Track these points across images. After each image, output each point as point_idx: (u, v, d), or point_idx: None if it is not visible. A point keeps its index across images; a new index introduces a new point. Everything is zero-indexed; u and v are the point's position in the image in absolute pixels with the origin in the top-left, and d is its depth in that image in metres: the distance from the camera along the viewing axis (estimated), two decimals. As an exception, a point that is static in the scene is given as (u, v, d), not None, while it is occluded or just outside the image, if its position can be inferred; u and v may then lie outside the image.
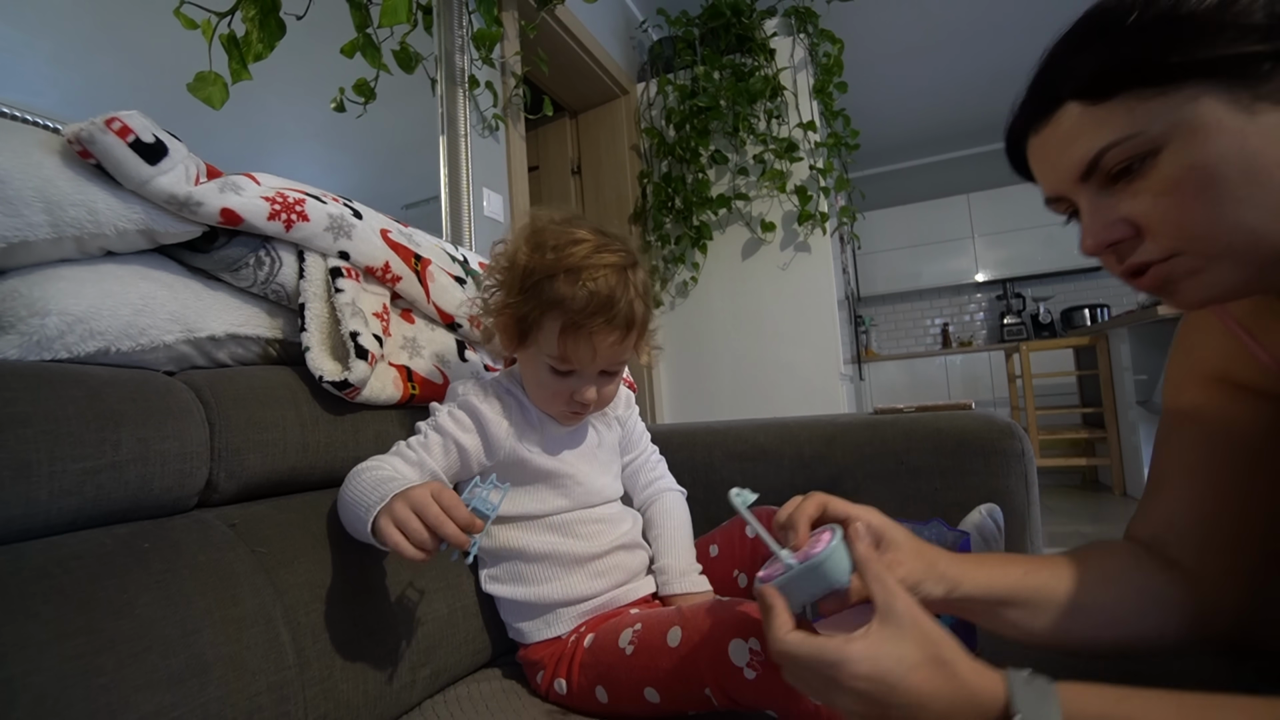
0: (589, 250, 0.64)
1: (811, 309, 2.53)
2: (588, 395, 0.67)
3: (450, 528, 0.52)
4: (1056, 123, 0.44)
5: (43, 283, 0.51)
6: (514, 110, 1.84)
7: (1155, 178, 0.41)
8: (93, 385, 0.50)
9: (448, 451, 0.67)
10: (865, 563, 0.43)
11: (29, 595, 0.41)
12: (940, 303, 4.95)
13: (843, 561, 0.45)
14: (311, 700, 0.54)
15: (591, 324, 0.63)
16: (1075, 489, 3.60)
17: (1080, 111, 0.43)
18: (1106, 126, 0.41)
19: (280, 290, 0.67)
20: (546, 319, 0.64)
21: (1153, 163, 0.41)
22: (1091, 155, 0.42)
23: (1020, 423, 3.34)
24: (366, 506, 0.55)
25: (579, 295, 0.62)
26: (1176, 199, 0.40)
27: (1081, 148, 0.43)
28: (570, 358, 0.65)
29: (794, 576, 0.45)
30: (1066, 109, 0.44)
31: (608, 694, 0.62)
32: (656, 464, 0.87)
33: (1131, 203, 0.42)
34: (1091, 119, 0.42)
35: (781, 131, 2.51)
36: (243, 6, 1.04)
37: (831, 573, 0.44)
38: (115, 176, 0.54)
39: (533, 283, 0.64)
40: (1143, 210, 0.42)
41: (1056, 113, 0.44)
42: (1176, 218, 0.41)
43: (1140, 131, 0.40)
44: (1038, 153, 0.47)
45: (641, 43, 2.83)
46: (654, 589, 0.75)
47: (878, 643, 0.39)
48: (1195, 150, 0.39)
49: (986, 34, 3.23)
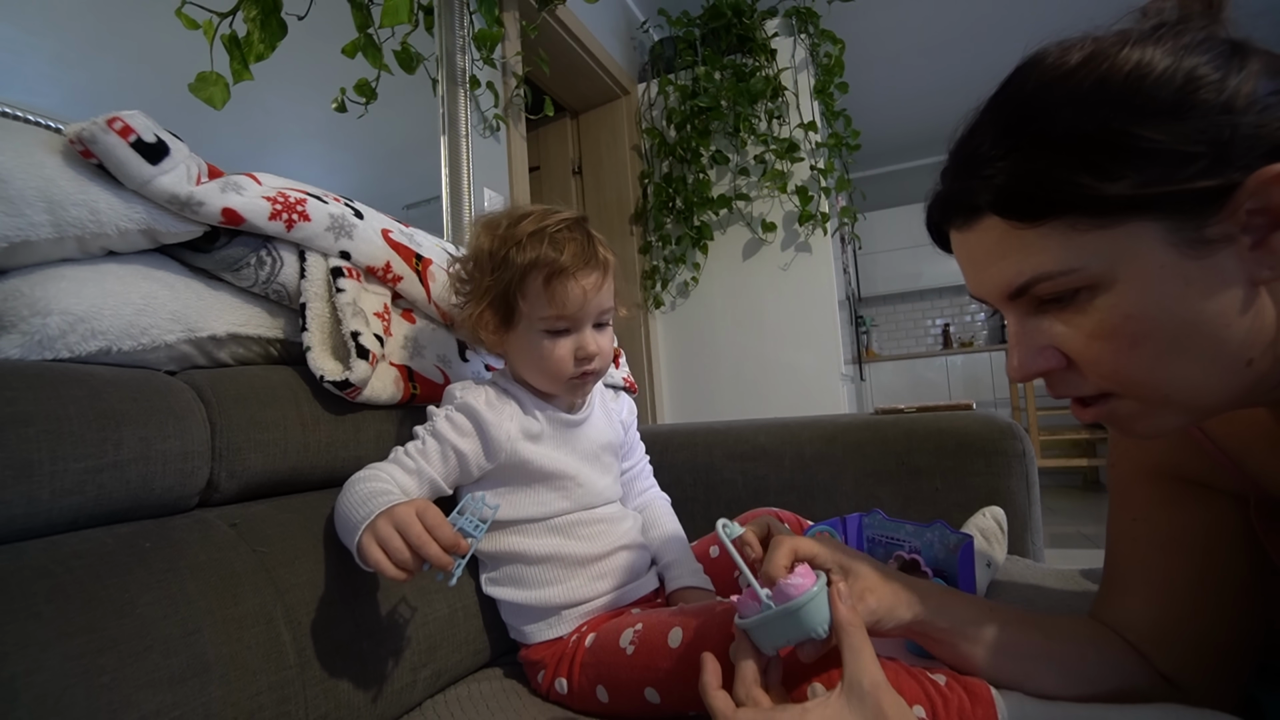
0: (540, 215, 0.69)
1: (812, 309, 2.53)
2: (590, 346, 0.68)
3: (433, 548, 0.51)
4: (980, 230, 0.40)
5: (44, 282, 0.51)
6: (515, 110, 1.84)
7: (1090, 317, 0.37)
8: (94, 385, 0.50)
9: (446, 459, 0.66)
10: (845, 628, 0.43)
11: (31, 594, 0.41)
12: (941, 303, 4.94)
13: (822, 610, 0.44)
14: (312, 700, 0.54)
15: (573, 266, 0.65)
16: (1076, 489, 3.60)
17: (1005, 230, 0.38)
18: (1037, 254, 0.37)
19: (281, 290, 0.67)
20: (528, 282, 0.66)
21: (1088, 299, 0.37)
22: (1020, 283, 0.38)
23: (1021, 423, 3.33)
24: (354, 524, 0.54)
25: (549, 249, 0.65)
26: (1112, 346, 0.37)
27: (1009, 270, 0.39)
28: (562, 306, 0.66)
29: (771, 618, 0.44)
30: (989, 220, 0.39)
31: (608, 694, 0.62)
32: (649, 474, 0.90)
33: (1064, 333, 0.39)
34: (1019, 241, 0.38)
35: (782, 132, 2.51)
36: (244, 7, 1.04)
37: (808, 620, 0.44)
38: (117, 176, 0.55)
39: (502, 256, 0.67)
40: (1075, 347, 0.39)
41: (978, 221, 0.40)
42: (1111, 364, 0.38)
43: (1077, 268, 0.36)
44: (960, 250, 0.43)
45: (642, 43, 2.83)
46: (654, 587, 0.75)
47: (835, 713, 0.39)
48: (1134, 298, 0.36)
49: (988, 34, 3.22)
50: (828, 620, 0.44)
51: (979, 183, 0.39)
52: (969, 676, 0.50)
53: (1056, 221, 0.36)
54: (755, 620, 0.44)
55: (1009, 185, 0.37)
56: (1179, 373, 0.37)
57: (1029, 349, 0.40)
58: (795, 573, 0.46)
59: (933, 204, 0.44)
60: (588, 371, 0.69)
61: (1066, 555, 2.27)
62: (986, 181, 0.38)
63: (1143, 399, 0.39)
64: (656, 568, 0.77)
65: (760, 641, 0.45)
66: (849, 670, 0.41)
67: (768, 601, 0.44)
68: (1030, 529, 0.94)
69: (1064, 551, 2.33)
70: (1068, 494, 3.48)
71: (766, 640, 0.45)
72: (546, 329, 0.67)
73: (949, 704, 0.47)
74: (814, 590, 0.44)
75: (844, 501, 1.01)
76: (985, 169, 0.38)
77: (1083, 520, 2.86)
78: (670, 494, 0.89)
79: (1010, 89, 0.40)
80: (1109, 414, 0.41)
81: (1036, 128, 0.37)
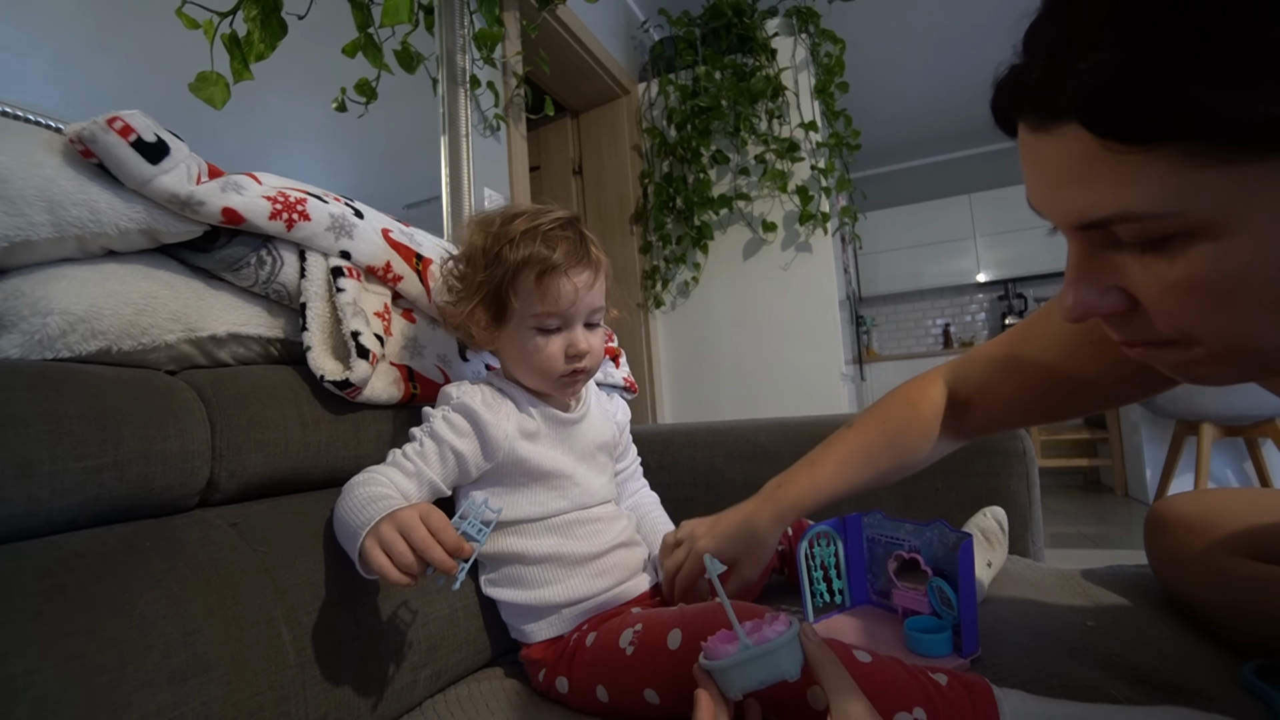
0: (533, 214, 0.69)
1: (813, 309, 2.53)
2: (581, 344, 0.69)
3: (437, 551, 0.51)
4: (1060, 139, 0.31)
5: (45, 282, 0.51)
6: (515, 110, 1.84)
7: (1178, 266, 0.30)
8: (94, 384, 0.50)
9: (445, 460, 0.66)
10: (820, 665, 0.43)
11: (30, 594, 0.41)
12: (942, 303, 4.94)
13: (796, 652, 0.45)
14: (312, 700, 0.54)
15: (565, 264, 0.66)
16: (1077, 489, 3.60)
17: (1094, 147, 0.29)
18: (1130, 185, 0.29)
19: (282, 290, 0.67)
20: (520, 278, 0.66)
21: (1182, 245, 0.29)
22: (1100, 217, 0.31)
23: (1022, 423, 3.33)
24: (354, 530, 0.54)
25: (542, 246, 0.66)
26: (1196, 301, 0.30)
27: (1088, 199, 0.31)
28: (554, 303, 0.66)
29: (749, 658, 0.44)
30: (1074, 130, 0.29)
31: (608, 694, 0.62)
32: (640, 475, 0.92)
33: (1140, 276, 0.32)
34: (1110, 165, 0.29)
35: (783, 131, 2.51)
36: (244, 6, 1.04)
37: (783, 661, 0.44)
38: (117, 176, 0.54)
39: (495, 253, 0.67)
40: (1150, 295, 0.32)
41: (1058, 127, 0.30)
42: (1191, 319, 0.31)
43: (1179, 211, 0.28)
44: (1028, 153, 0.34)
45: (643, 43, 2.83)
46: (653, 583, 0.75)
47: None
48: (1244, 255, 0.28)
49: (988, 34, 3.22)
50: (801, 662, 0.44)
51: (1070, 78, 0.29)
52: (970, 675, 0.50)
53: (1168, 148, 0.27)
54: (729, 661, 0.44)
55: (1112, 92, 0.27)
56: (1267, 334, 0.30)
57: (1092, 286, 0.33)
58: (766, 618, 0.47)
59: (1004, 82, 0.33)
60: (578, 370, 0.70)
61: (1067, 555, 2.27)
62: (1081, 79, 0.28)
63: (1215, 354, 0.32)
64: (653, 562, 0.78)
65: (729, 683, 0.45)
66: (837, 706, 0.41)
67: (746, 641, 0.44)
68: (1031, 529, 0.94)
69: (1064, 551, 2.33)
70: (1068, 494, 3.48)
71: (737, 682, 0.44)
72: (538, 326, 0.68)
73: (949, 704, 0.47)
74: (790, 633, 0.44)
75: (844, 502, 1.00)
76: (1081, 60, 0.28)
77: (1083, 520, 2.86)
78: (670, 494, 0.90)
79: None
80: (1165, 358, 0.34)
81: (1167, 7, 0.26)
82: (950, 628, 0.63)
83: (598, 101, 2.71)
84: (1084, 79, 0.28)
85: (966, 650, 0.62)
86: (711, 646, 0.47)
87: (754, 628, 0.46)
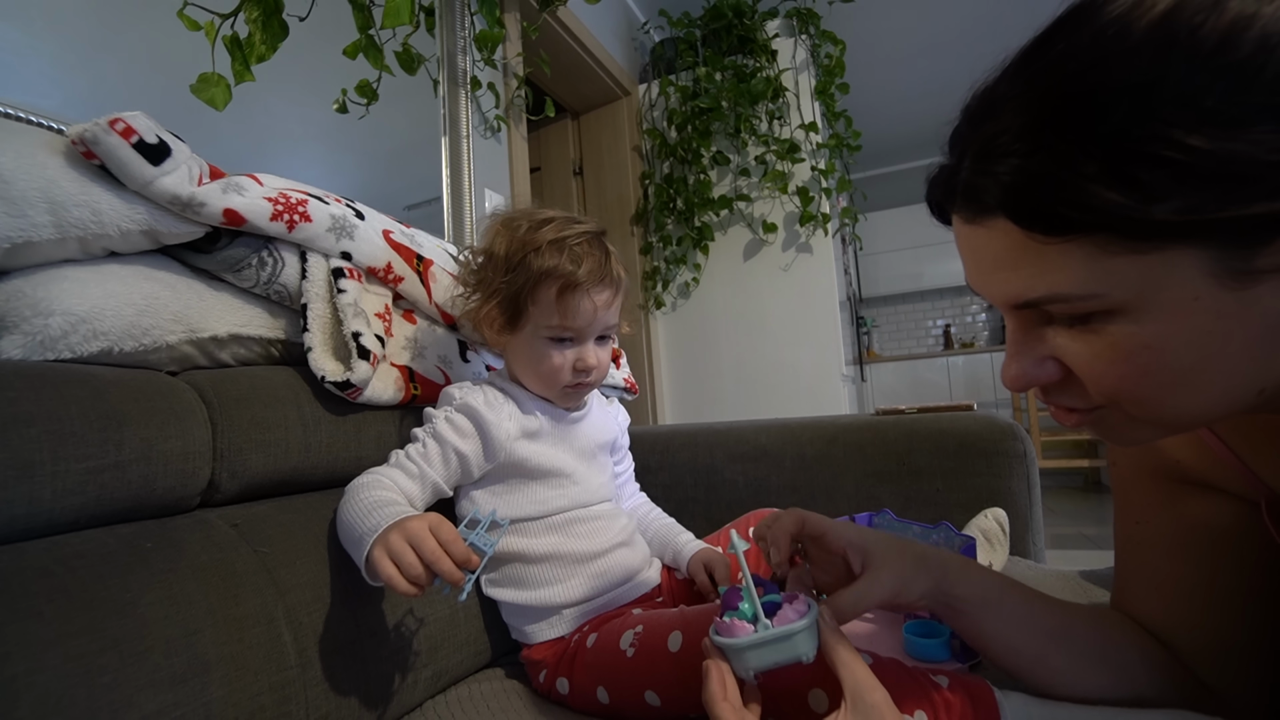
0: (561, 223, 0.68)
1: (813, 310, 2.53)
2: (590, 359, 0.69)
3: (447, 564, 0.51)
4: (990, 230, 0.35)
5: (46, 283, 0.51)
6: (516, 111, 1.84)
7: (1103, 338, 0.34)
8: (96, 385, 0.50)
9: (447, 461, 0.66)
10: (836, 650, 0.43)
11: (32, 594, 0.41)
12: (942, 304, 4.94)
13: (814, 635, 0.44)
14: (313, 700, 0.54)
15: (588, 282, 0.66)
16: (1078, 490, 3.60)
17: (1020, 238, 0.33)
18: (1055, 272, 0.33)
19: (283, 291, 0.68)
20: (540, 289, 0.66)
21: (1103, 321, 0.33)
22: (1032, 298, 0.34)
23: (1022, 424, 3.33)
24: (360, 535, 0.54)
25: (567, 261, 0.65)
26: (1118, 370, 0.34)
27: (1019, 284, 0.35)
28: (571, 319, 0.66)
29: (767, 639, 0.43)
30: (1002, 223, 0.34)
31: (609, 695, 0.62)
32: (632, 479, 0.92)
33: (1070, 348, 0.35)
34: (1035, 254, 0.33)
35: (783, 133, 2.51)
36: (246, 8, 1.05)
37: (802, 644, 0.43)
38: (119, 177, 0.55)
39: (519, 260, 0.67)
40: (1080, 364, 0.35)
41: (988, 220, 0.34)
42: (1115, 386, 0.35)
43: (1099, 294, 0.32)
44: (964, 242, 0.38)
45: (643, 44, 2.84)
46: (655, 584, 0.75)
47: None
48: (1157, 330, 0.32)
49: (989, 35, 3.22)
50: (817, 645, 0.44)
51: (993, 180, 0.33)
52: (971, 678, 0.50)
53: (1083, 240, 0.31)
54: (747, 641, 0.44)
55: (1031, 192, 0.32)
56: (1184, 399, 0.34)
57: (1029, 359, 0.37)
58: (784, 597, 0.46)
59: (935, 180, 0.38)
60: (582, 383, 0.71)
61: (1068, 556, 2.27)
62: (1002, 180, 0.33)
63: (1135, 416, 0.36)
64: (661, 558, 0.79)
65: (742, 663, 0.44)
66: (850, 689, 0.41)
67: (765, 622, 0.44)
68: (1031, 530, 0.94)
69: (1065, 553, 2.32)
70: (1069, 495, 3.48)
71: (751, 662, 0.44)
72: (551, 336, 0.68)
73: (950, 706, 0.47)
74: (812, 614, 0.44)
75: (845, 502, 1.00)
76: (1003, 164, 0.32)
77: (1084, 521, 2.85)
78: (671, 494, 0.90)
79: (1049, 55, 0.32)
80: (1095, 422, 0.38)
81: (1075, 123, 0.30)
82: (949, 632, 0.63)
83: (598, 102, 2.71)
84: (1004, 179, 0.32)
85: (968, 656, 0.61)
86: (726, 624, 0.46)
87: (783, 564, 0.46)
